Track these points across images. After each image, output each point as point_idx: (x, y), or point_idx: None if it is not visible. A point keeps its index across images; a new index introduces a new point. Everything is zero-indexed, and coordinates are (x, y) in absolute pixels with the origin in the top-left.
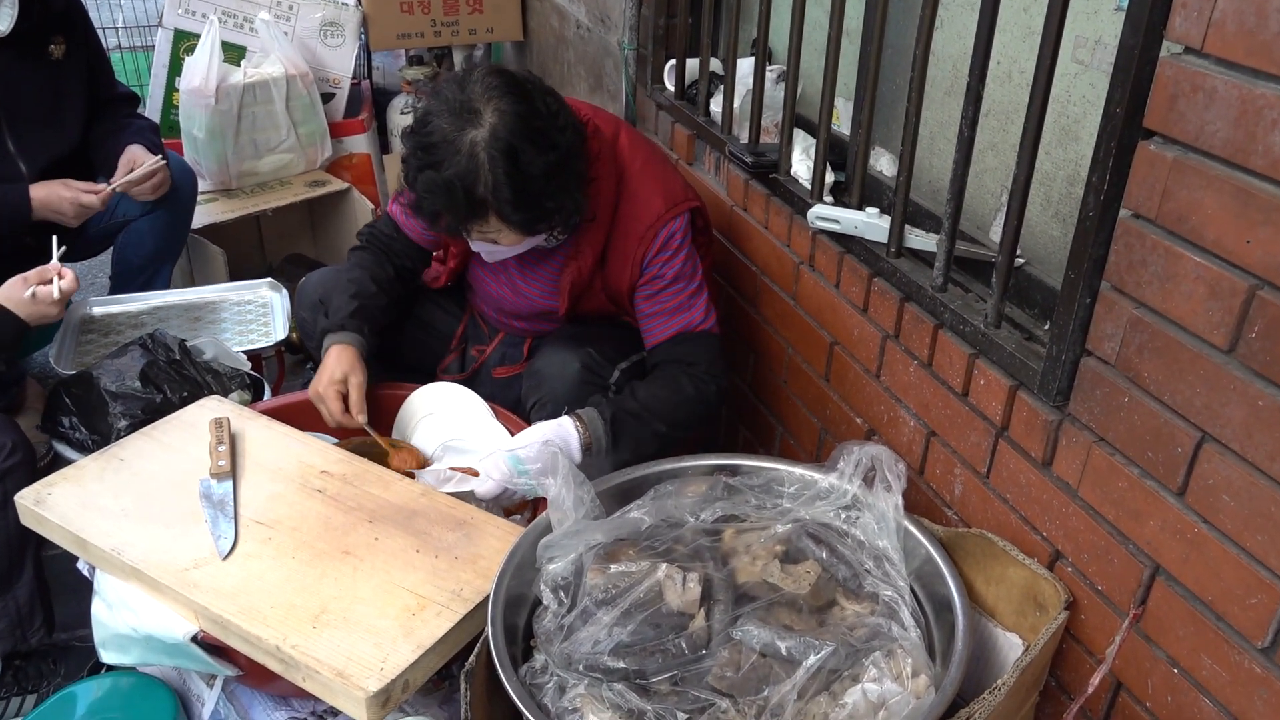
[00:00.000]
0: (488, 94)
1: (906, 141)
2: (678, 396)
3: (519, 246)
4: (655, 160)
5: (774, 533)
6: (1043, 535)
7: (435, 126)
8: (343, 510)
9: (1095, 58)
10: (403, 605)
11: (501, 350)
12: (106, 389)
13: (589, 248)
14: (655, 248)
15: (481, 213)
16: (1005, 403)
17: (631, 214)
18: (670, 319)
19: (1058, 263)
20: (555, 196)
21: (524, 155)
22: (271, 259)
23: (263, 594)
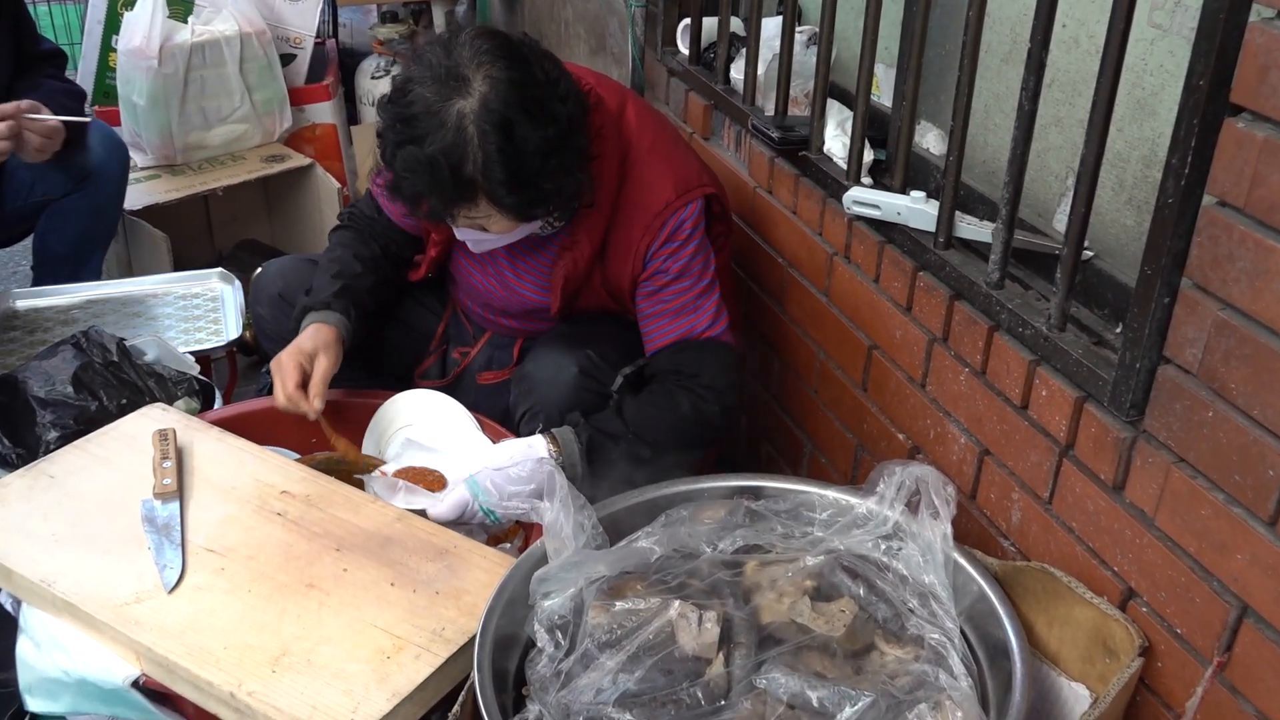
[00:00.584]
0: (477, 59)
1: (958, 115)
2: (671, 416)
3: (510, 235)
4: (666, 138)
5: (803, 566)
6: (1114, 570)
7: (417, 95)
8: (306, 537)
9: (1175, 21)
10: (376, 647)
11: (488, 352)
12: (34, 395)
13: (587, 237)
14: (661, 238)
15: (470, 195)
16: (1071, 417)
17: (637, 199)
18: (672, 322)
19: (1131, 256)
20: (553, 177)
21: (519, 129)
22: (221, 245)
23: (214, 633)
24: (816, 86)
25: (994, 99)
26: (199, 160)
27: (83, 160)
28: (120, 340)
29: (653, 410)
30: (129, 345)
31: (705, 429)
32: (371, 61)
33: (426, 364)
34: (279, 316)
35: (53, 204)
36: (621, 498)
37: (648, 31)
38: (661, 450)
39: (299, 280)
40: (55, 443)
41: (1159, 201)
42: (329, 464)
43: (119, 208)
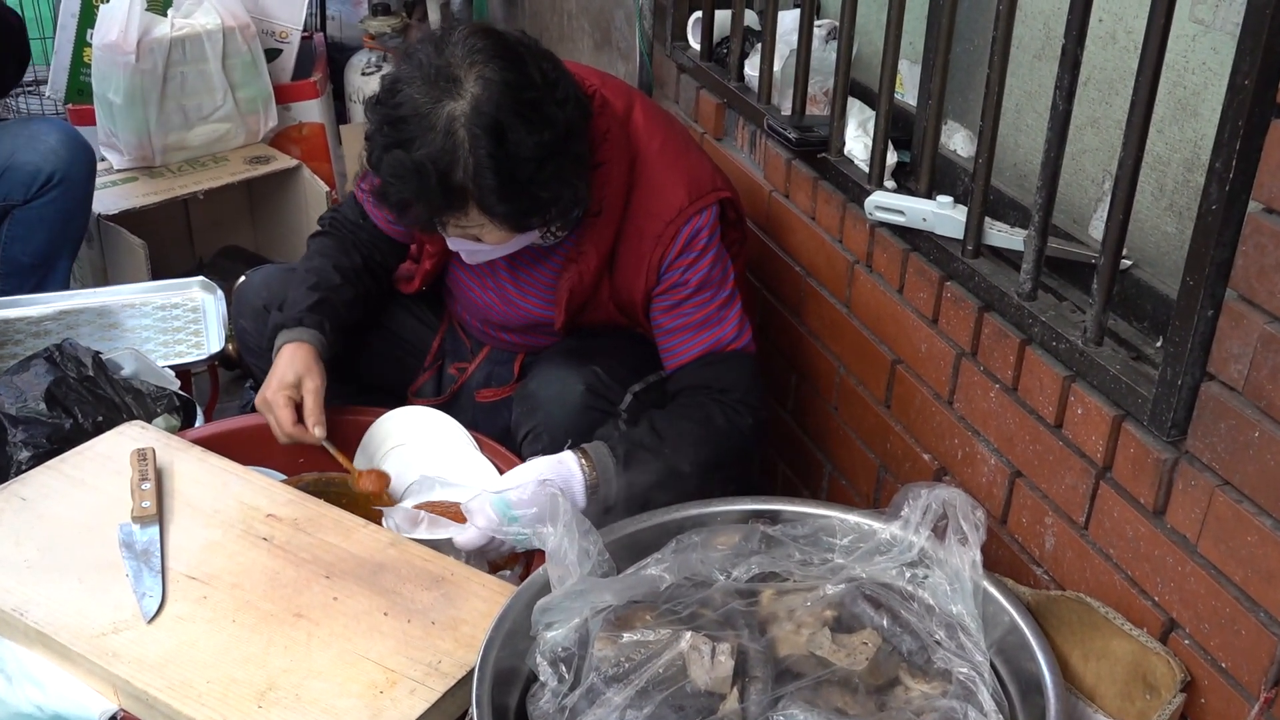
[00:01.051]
0: (470, 58)
1: (987, 115)
2: (706, 430)
3: (506, 246)
4: (676, 140)
5: (823, 595)
6: (1154, 600)
7: (406, 97)
8: (294, 563)
9: (1219, 16)
10: (368, 681)
11: (487, 369)
12: (4, 412)
13: (593, 247)
14: (676, 249)
15: (459, 203)
16: (1108, 437)
17: (647, 207)
18: (696, 336)
19: (1172, 265)
20: (550, 185)
21: (512, 134)
22: (202, 252)
23: (196, 666)
24: (836, 84)
25: (1025, 98)
26: (178, 162)
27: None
28: (96, 354)
29: (686, 425)
30: (105, 359)
31: (741, 442)
32: (362, 57)
33: (421, 380)
34: (263, 330)
35: (16, 210)
36: (629, 522)
37: (656, 25)
38: (698, 465)
39: (285, 291)
40: (27, 463)
41: (1201, 208)
42: (317, 485)
43: (86, 212)
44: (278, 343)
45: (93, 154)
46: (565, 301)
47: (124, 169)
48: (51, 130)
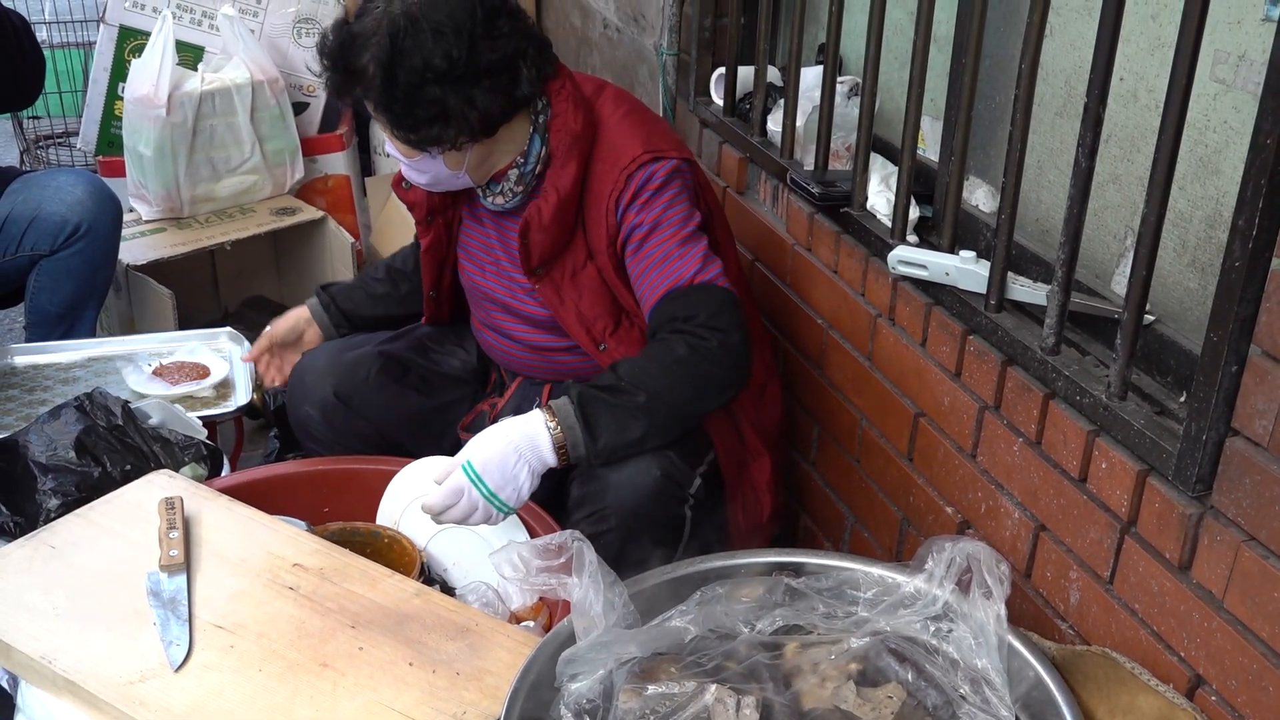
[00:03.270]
0: None
1: (1010, 171)
2: (667, 358)
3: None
4: (643, 114)
5: (847, 648)
6: (1180, 656)
7: None
8: (320, 613)
9: (1239, 76)
10: None
11: (516, 402)
12: (35, 460)
13: (553, 188)
14: (630, 191)
15: (353, 83)
16: (1133, 491)
17: (606, 158)
18: (659, 275)
19: (1195, 321)
20: (433, 104)
21: (409, 40)
22: (228, 301)
23: (223, 715)
24: (860, 139)
25: (1047, 154)
26: (206, 213)
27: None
28: (125, 403)
29: (645, 360)
30: (134, 408)
31: (709, 369)
32: None
33: (469, 418)
34: (334, 420)
35: (43, 260)
36: (653, 574)
37: (679, 81)
38: (660, 396)
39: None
40: (56, 511)
41: (1225, 265)
42: (342, 535)
43: (113, 263)
44: None
45: (119, 205)
46: (521, 233)
47: (152, 220)
48: (78, 182)
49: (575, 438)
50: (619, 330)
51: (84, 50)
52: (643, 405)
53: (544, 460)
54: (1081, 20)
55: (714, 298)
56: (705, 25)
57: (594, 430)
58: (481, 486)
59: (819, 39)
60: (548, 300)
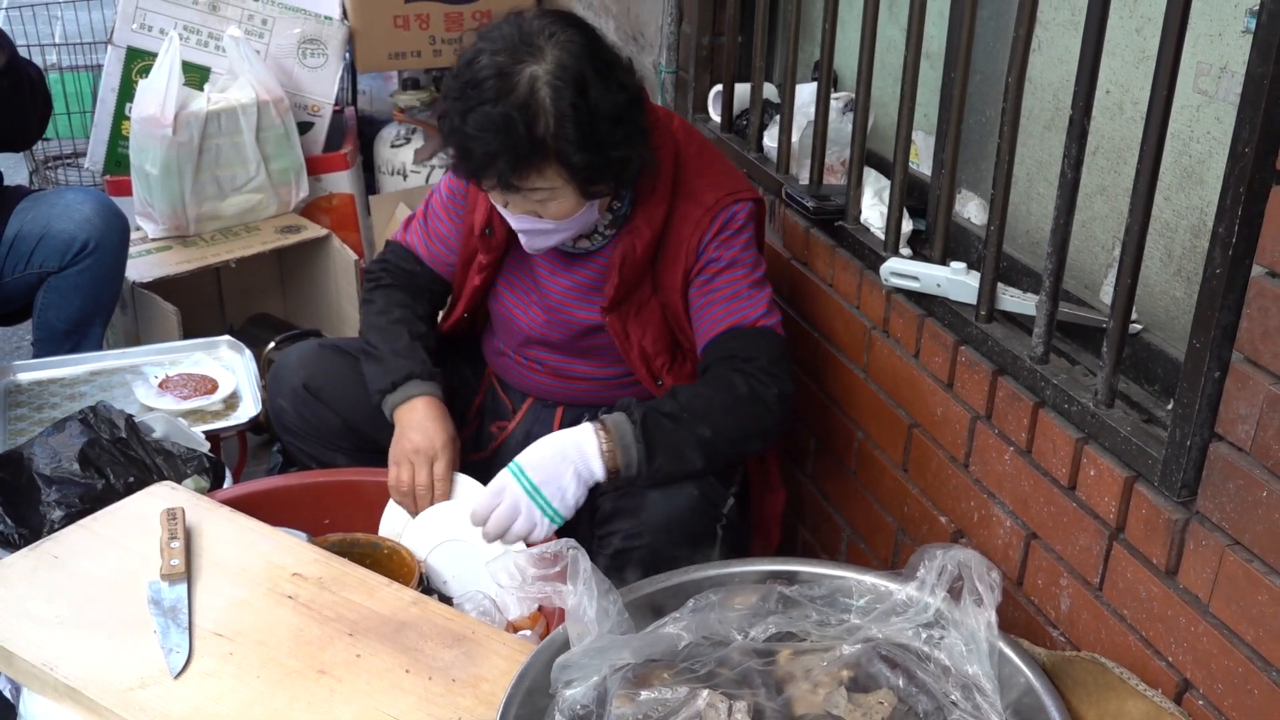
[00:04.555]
0: (547, 29)
1: (999, 184)
2: (728, 396)
3: (566, 225)
4: (712, 149)
5: (840, 655)
6: (1168, 661)
7: (488, 62)
8: (318, 621)
9: (1221, 88)
10: None
11: (527, 425)
12: (39, 472)
13: (646, 224)
14: (713, 230)
15: (541, 154)
16: (1120, 498)
17: (690, 195)
18: (724, 311)
19: (1181, 329)
20: (622, 145)
21: (593, 90)
22: (233, 319)
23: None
24: (853, 154)
25: (1037, 167)
26: (212, 231)
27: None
28: (129, 416)
29: (708, 391)
30: (138, 422)
31: (765, 411)
32: (391, 129)
33: (464, 434)
34: (303, 410)
35: (51, 277)
36: (648, 582)
37: (678, 98)
38: (719, 431)
39: (323, 370)
40: (60, 522)
41: (1206, 272)
42: (342, 546)
43: (120, 280)
44: (404, 395)
45: (126, 223)
46: (619, 267)
47: (159, 238)
48: (86, 200)
49: (630, 457)
50: (675, 365)
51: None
52: (704, 439)
53: (593, 473)
54: (1069, 35)
55: (776, 344)
56: (703, 44)
57: (652, 453)
58: (524, 480)
59: (813, 56)
60: (614, 334)
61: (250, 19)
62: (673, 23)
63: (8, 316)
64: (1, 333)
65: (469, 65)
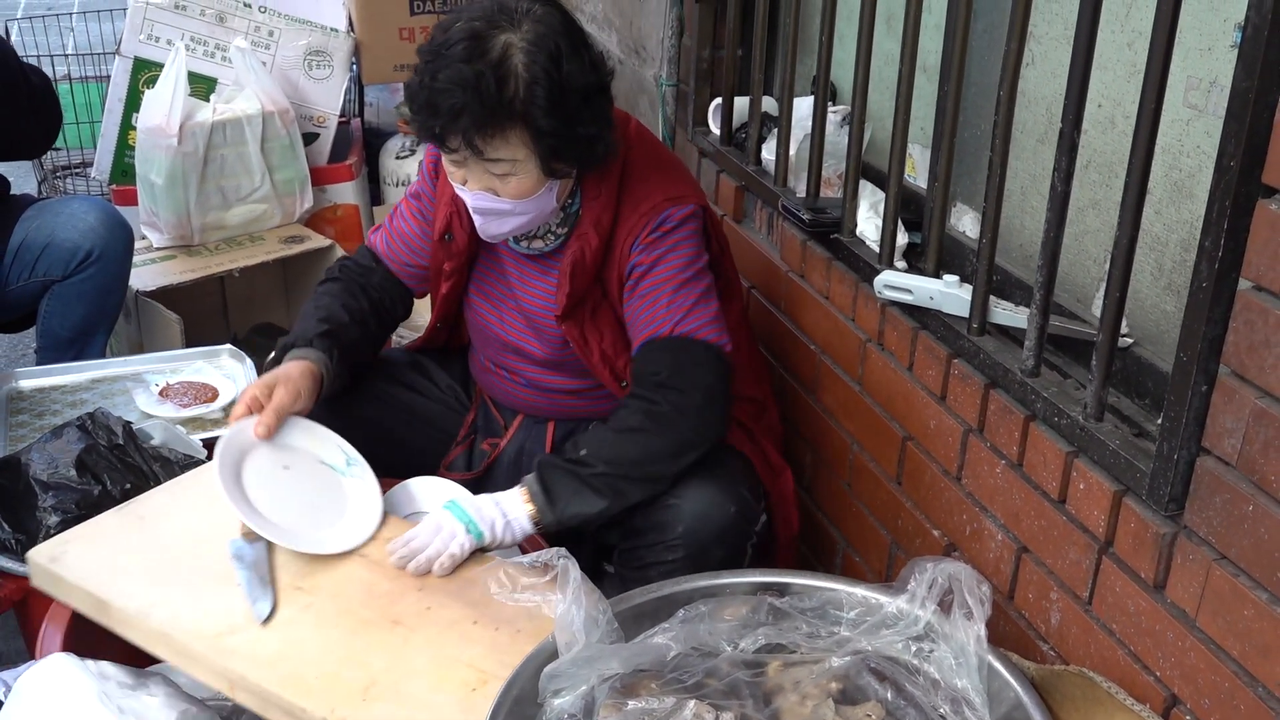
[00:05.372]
0: (525, 4)
1: (990, 197)
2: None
3: (522, 207)
4: (663, 154)
5: (828, 667)
6: (1155, 675)
7: (463, 28)
8: (389, 576)
9: (1211, 102)
10: (461, 680)
11: (519, 442)
12: (36, 477)
13: (593, 229)
14: (644, 234)
15: (508, 117)
16: (1109, 512)
17: (632, 199)
18: (644, 320)
19: (1172, 343)
20: (589, 122)
21: (566, 62)
22: (236, 328)
23: (305, 663)
24: (849, 167)
25: (1030, 180)
26: (216, 241)
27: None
28: (127, 424)
29: (604, 432)
30: (136, 429)
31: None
32: (397, 141)
33: (453, 455)
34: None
35: (55, 285)
36: (638, 593)
37: (678, 111)
38: (619, 467)
39: None
40: (56, 527)
41: (1193, 285)
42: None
43: (123, 288)
44: (289, 359)
45: (130, 232)
46: (569, 274)
47: (163, 247)
48: (91, 209)
49: (539, 503)
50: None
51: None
52: (600, 475)
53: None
54: (1062, 49)
55: (684, 352)
56: (703, 57)
57: (554, 502)
58: (458, 510)
59: (811, 70)
60: (573, 340)
61: (257, 30)
62: (674, 36)
63: (12, 324)
64: (5, 340)
65: (443, 30)
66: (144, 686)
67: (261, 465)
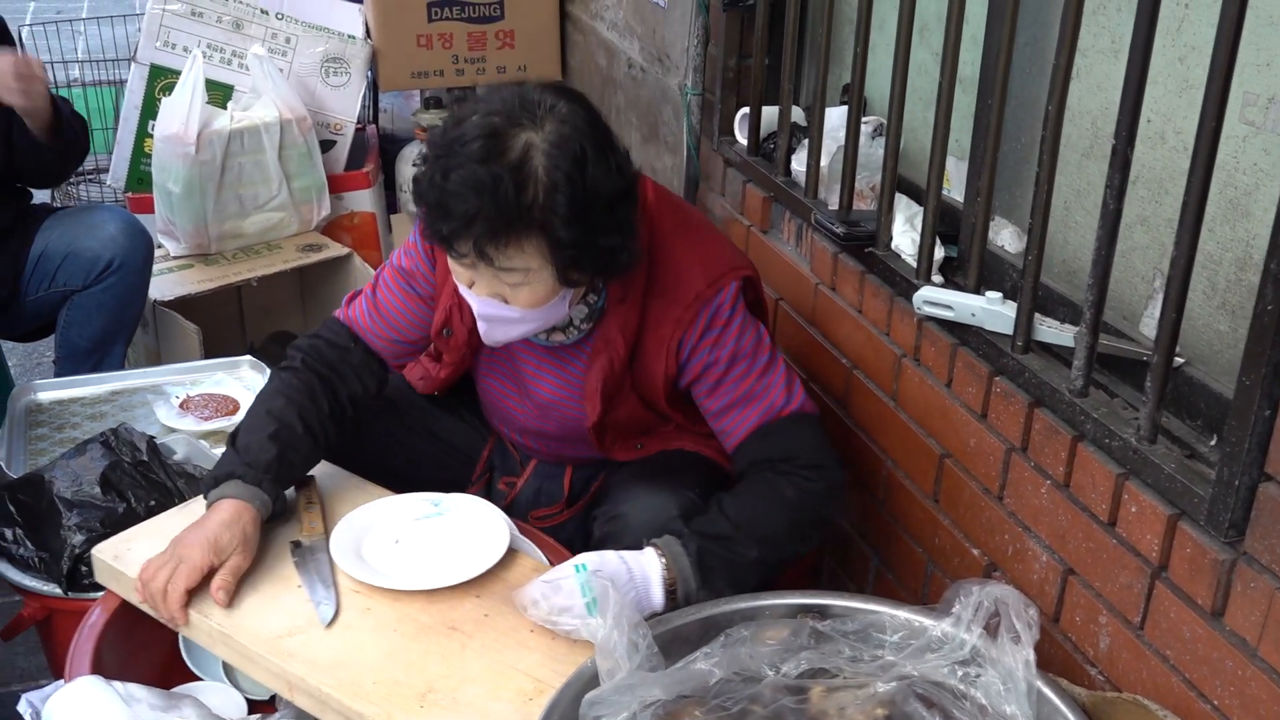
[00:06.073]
0: (549, 100)
1: (1037, 213)
2: (777, 505)
3: (531, 316)
4: (689, 220)
5: (873, 693)
6: (1213, 704)
7: (480, 123)
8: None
9: (1269, 118)
10: (517, 688)
11: (536, 484)
12: (60, 495)
13: (620, 335)
14: (698, 331)
15: (525, 225)
16: (1164, 536)
17: (666, 291)
18: (745, 411)
19: (1225, 363)
20: (611, 232)
21: (590, 167)
22: (253, 337)
23: (364, 668)
24: (885, 180)
25: (1074, 195)
26: (233, 249)
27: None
28: (150, 439)
29: (757, 502)
30: (159, 444)
31: (817, 512)
32: (413, 149)
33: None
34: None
35: (75, 295)
36: (674, 615)
37: (704, 120)
38: (772, 545)
39: None
40: (81, 546)
41: (1257, 308)
42: None
43: (143, 298)
44: (217, 493)
45: (150, 241)
46: (599, 392)
47: (181, 256)
48: (111, 218)
49: (689, 588)
50: (654, 433)
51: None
52: (756, 559)
53: (652, 603)
54: (1107, 62)
55: (808, 430)
56: (729, 66)
57: (707, 581)
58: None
59: (843, 79)
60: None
61: (274, 37)
62: (699, 44)
63: (29, 334)
64: (21, 349)
65: (458, 123)
66: (175, 708)
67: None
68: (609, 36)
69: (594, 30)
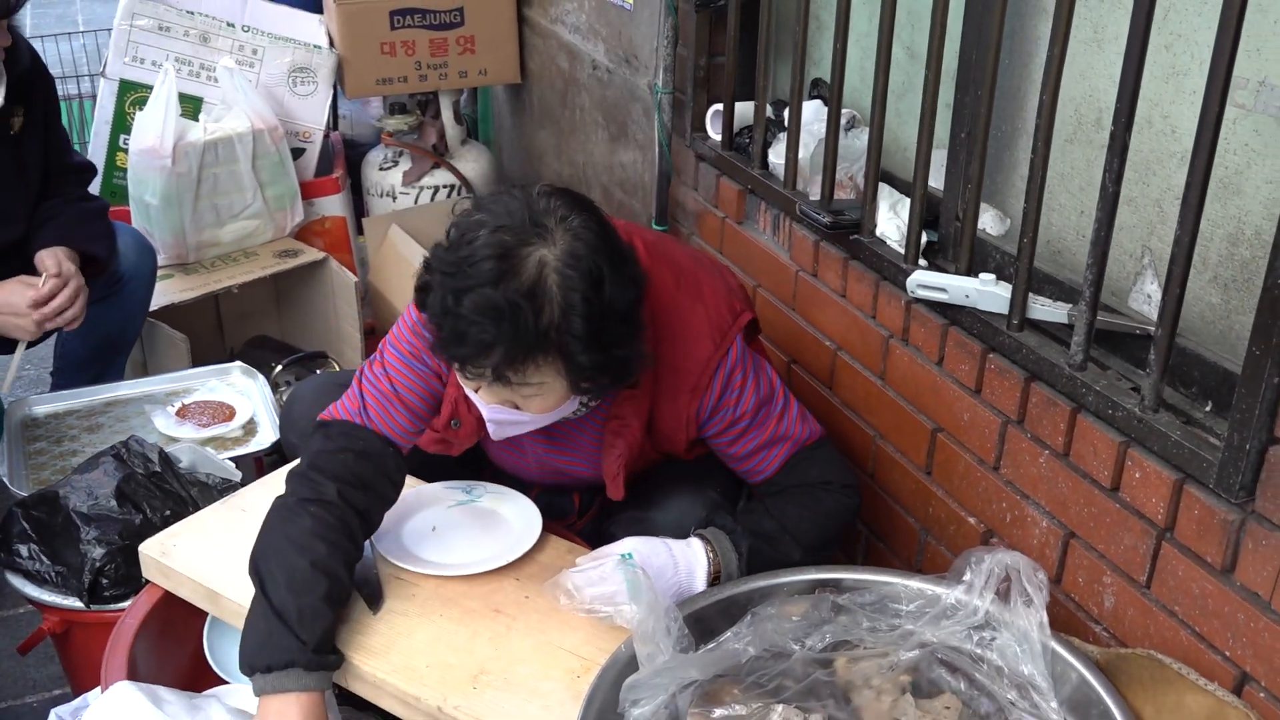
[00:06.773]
0: (559, 211)
1: (1031, 197)
2: (820, 515)
3: (541, 419)
4: (683, 270)
5: (897, 660)
6: (1224, 655)
7: (490, 239)
8: None
9: (1259, 101)
10: (566, 667)
11: (545, 500)
12: (76, 510)
13: (634, 415)
14: (714, 396)
15: (542, 348)
16: (1169, 499)
17: (676, 363)
18: (770, 451)
19: (1217, 334)
20: (625, 344)
21: (607, 285)
22: (232, 342)
23: (414, 652)
24: (868, 169)
25: (1058, 179)
26: (211, 258)
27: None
28: (162, 450)
29: (803, 510)
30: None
31: (847, 524)
32: (378, 153)
33: None
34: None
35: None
36: (701, 596)
37: (675, 118)
38: (811, 550)
39: None
40: (101, 560)
41: (1267, 281)
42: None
43: (145, 312)
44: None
45: (155, 257)
46: (620, 475)
47: (161, 266)
48: (120, 233)
49: (731, 577)
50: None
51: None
52: (797, 562)
53: (692, 590)
54: (1089, 51)
55: (831, 454)
56: (700, 64)
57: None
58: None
59: (813, 74)
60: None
61: (241, 49)
62: (669, 45)
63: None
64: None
65: (466, 240)
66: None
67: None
68: (571, 39)
69: (554, 34)
